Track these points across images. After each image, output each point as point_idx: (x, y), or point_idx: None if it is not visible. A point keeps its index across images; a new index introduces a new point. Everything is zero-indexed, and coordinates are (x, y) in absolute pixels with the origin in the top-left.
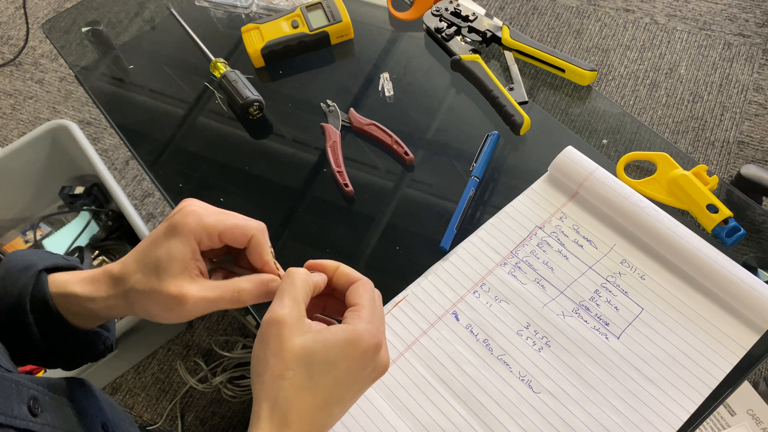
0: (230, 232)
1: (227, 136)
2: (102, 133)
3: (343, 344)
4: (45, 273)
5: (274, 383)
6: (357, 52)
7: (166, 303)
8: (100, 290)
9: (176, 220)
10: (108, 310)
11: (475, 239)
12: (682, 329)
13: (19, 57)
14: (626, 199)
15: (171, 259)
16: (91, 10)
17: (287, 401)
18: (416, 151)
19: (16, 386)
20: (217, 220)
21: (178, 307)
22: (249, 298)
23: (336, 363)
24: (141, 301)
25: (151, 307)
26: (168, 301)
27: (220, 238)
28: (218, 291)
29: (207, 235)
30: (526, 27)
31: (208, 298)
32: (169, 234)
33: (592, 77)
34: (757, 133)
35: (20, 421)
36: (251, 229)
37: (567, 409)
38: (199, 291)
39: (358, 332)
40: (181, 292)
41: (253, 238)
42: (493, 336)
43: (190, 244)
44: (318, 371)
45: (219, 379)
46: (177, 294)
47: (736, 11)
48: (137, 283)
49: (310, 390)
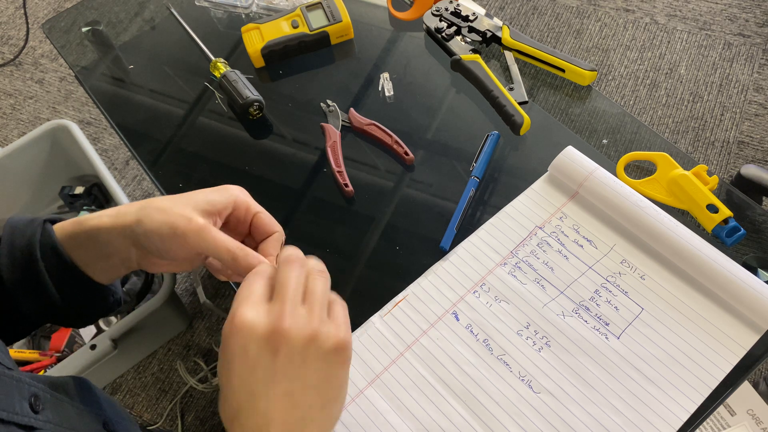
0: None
1: (227, 136)
2: (102, 133)
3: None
4: (49, 223)
5: None
6: (357, 52)
7: (174, 220)
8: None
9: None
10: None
11: (475, 239)
12: (682, 329)
13: (19, 57)
14: (626, 199)
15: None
16: (91, 10)
17: None
18: (416, 151)
19: (17, 383)
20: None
21: (186, 224)
22: (239, 264)
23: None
24: (151, 216)
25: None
26: (176, 218)
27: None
28: (221, 236)
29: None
30: (526, 27)
31: (210, 233)
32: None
33: (592, 77)
34: (757, 133)
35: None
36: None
37: (567, 409)
38: (206, 222)
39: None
40: (191, 216)
41: (237, 199)
42: (493, 336)
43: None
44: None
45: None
46: (188, 216)
47: (736, 11)
48: (156, 200)
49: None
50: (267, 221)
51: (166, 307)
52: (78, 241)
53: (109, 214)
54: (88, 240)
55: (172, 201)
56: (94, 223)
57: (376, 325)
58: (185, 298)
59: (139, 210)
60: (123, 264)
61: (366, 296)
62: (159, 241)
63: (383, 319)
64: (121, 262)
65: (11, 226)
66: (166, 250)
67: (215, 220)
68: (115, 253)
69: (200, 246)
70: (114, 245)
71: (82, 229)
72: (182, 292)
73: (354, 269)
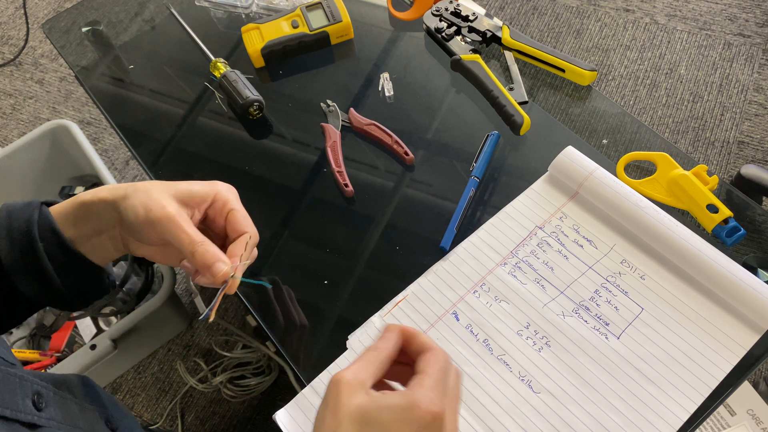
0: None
1: (227, 136)
2: (102, 133)
3: (398, 409)
4: (45, 205)
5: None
6: (357, 52)
7: (148, 203)
8: (105, 192)
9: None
10: (105, 206)
11: (475, 239)
12: (682, 329)
13: (19, 57)
14: (626, 199)
15: (172, 187)
16: (91, 10)
17: None
18: (416, 151)
19: (20, 381)
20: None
21: (159, 208)
22: (198, 257)
23: (388, 426)
24: (136, 194)
25: (137, 199)
26: (150, 202)
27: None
28: (186, 231)
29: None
30: (526, 27)
31: (178, 223)
32: None
33: (592, 77)
34: (757, 133)
35: (25, 416)
36: (215, 185)
37: (567, 409)
38: (178, 212)
39: (415, 398)
40: (163, 202)
41: (218, 194)
42: (493, 336)
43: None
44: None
45: (219, 379)
46: (161, 202)
47: (736, 11)
48: (136, 185)
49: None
50: (239, 220)
51: (166, 307)
52: (74, 217)
53: (105, 188)
54: (83, 214)
55: (158, 186)
56: (90, 196)
57: (375, 325)
58: (185, 298)
59: (129, 187)
60: (112, 242)
61: (366, 296)
62: (135, 221)
63: (383, 319)
64: (110, 240)
65: (8, 210)
66: (140, 231)
67: (192, 213)
68: (105, 229)
69: (166, 234)
70: (104, 218)
71: (77, 203)
72: (182, 292)
73: (354, 269)
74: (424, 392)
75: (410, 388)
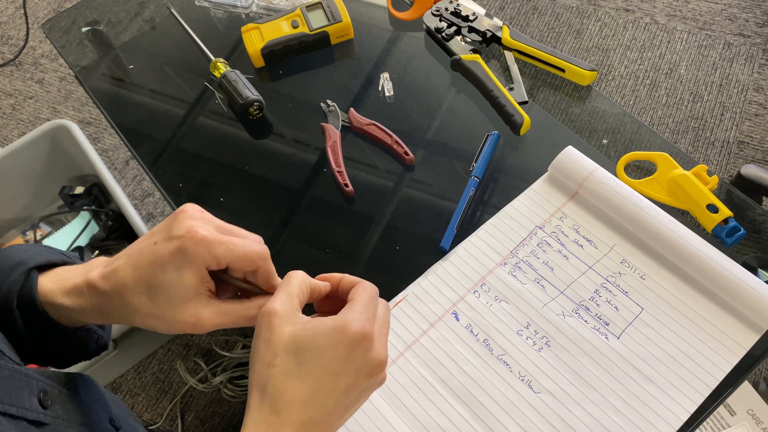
0: (239, 263)
1: (227, 136)
2: (102, 133)
3: (331, 331)
4: (36, 271)
5: (264, 371)
6: (357, 52)
7: (180, 327)
8: (90, 301)
9: (186, 247)
10: (101, 318)
11: (475, 239)
12: (682, 329)
13: (19, 57)
14: (626, 199)
15: (184, 288)
16: (91, 10)
17: (275, 388)
18: (416, 151)
19: (26, 379)
20: (227, 250)
21: (193, 329)
22: None
23: (323, 350)
24: (146, 320)
25: (158, 326)
26: (181, 326)
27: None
28: (232, 317)
29: (216, 264)
30: (526, 27)
31: (223, 324)
32: (178, 262)
33: (592, 77)
34: (757, 133)
35: (31, 413)
36: (258, 260)
37: (567, 409)
38: (213, 317)
39: (346, 320)
40: (197, 320)
41: (260, 269)
42: (493, 336)
43: (201, 273)
44: (305, 358)
45: (219, 379)
46: (193, 321)
47: (736, 11)
48: (142, 305)
49: (299, 377)
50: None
51: None
52: (57, 309)
53: (88, 305)
54: (68, 317)
55: (168, 302)
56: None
57: None
58: None
59: (126, 310)
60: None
61: None
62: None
63: None
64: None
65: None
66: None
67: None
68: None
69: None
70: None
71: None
72: None
73: (354, 269)
74: (354, 314)
75: (340, 314)
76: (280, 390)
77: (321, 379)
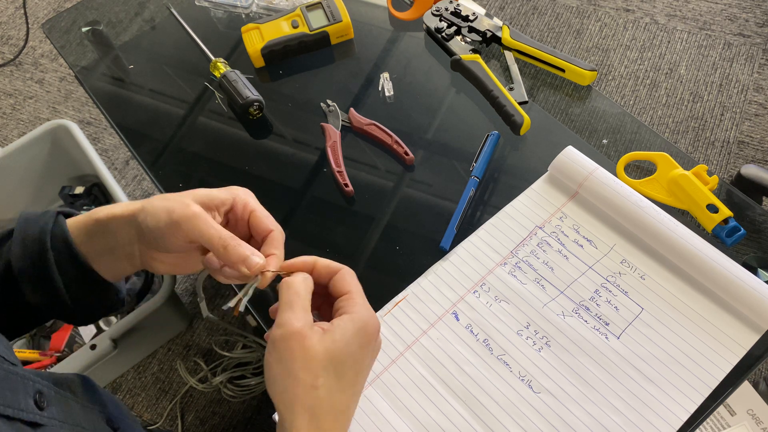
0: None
1: (227, 136)
2: (102, 133)
3: (357, 334)
4: (62, 216)
5: (309, 394)
6: (357, 52)
7: (173, 205)
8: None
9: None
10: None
11: (475, 239)
12: (682, 329)
13: (19, 57)
14: (626, 199)
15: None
16: (91, 10)
17: (322, 408)
18: (416, 151)
19: (22, 380)
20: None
21: (182, 208)
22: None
23: (355, 356)
24: (153, 202)
25: (158, 209)
26: (176, 203)
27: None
28: (214, 227)
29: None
30: (526, 27)
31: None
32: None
33: (592, 77)
34: (757, 133)
35: (27, 414)
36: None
37: (567, 409)
38: (202, 211)
39: (364, 319)
40: (189, 203)
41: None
42: (493, 336)
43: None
44: (343, 369)
45: (219, 379)
46: (186, 202)
47: (736, 11)
48: (157, 196)
49: (340, 390)
50: (263, 219)
51: (166, 307)
52: (88, 232)
53: (119, 205)
54: (98, 230)
55: (175, 194)
56: (105, 213)
57: None
58: (185, 298)
59: (144, 200)
60: (128, 259)
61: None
62: (157, 226)
63: (383, 319)
64: (126, 258)
65: (25, 217)
66: (163, 237)
67: (213, 215)
68: (121, 246)
69: (193, 233)
70: (120, 235)
71: (92, 219)
72: (182, 292)
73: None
74: (364, 310)
75: (350, 310)
76: (327, 409)
77: (356, 383)
